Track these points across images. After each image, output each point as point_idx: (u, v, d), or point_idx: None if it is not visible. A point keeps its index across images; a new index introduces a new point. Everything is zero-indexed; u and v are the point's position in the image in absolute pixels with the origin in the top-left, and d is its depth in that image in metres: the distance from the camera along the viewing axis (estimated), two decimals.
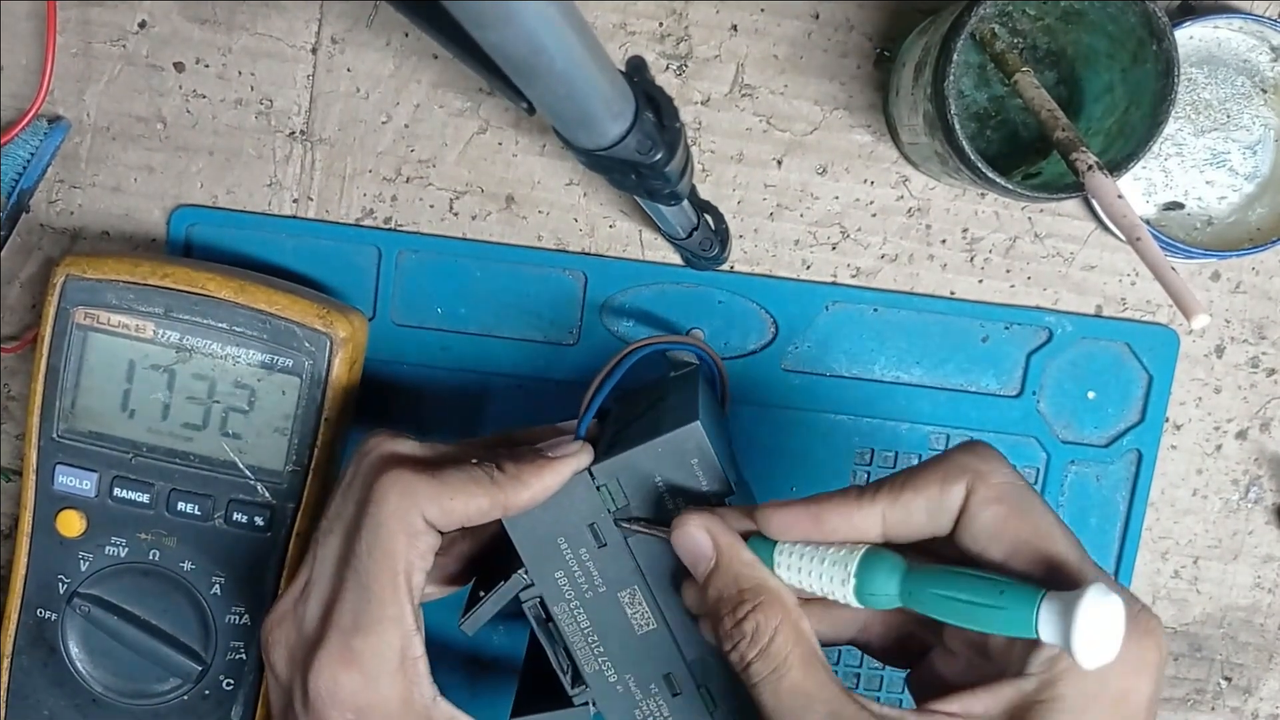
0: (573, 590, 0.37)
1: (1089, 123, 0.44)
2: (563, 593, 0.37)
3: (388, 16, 0.48)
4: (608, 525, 0.37)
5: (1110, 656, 0.28)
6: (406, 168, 0.49)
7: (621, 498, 0.37)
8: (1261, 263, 0.50)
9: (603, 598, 0.37)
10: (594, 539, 0.37)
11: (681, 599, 0.37)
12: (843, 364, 0.50)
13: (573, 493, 0.37)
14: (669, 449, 0.36)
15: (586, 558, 0.37)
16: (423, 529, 0.35)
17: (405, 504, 0.35)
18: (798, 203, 0.49)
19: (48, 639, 0.45)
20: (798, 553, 0.33)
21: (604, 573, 0.37)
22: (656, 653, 0.38)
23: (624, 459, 0.37)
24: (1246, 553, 0.52)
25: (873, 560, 0.32)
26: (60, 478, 0.44)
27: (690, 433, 0.36)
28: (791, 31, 0.48)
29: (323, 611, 0.36)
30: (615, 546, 0.37)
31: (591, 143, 0.31)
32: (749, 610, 0.33)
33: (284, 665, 0.37)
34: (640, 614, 0.37)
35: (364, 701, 0.35)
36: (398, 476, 0.35)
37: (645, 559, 0.37)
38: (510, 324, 0.49)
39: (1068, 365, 0.50)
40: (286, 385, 0.44)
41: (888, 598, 0.32)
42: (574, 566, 0.37)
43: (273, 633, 0.37)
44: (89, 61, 0.48)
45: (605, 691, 0.38)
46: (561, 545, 0.37)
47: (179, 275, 0.43)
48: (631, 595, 0.37)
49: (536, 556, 0.37)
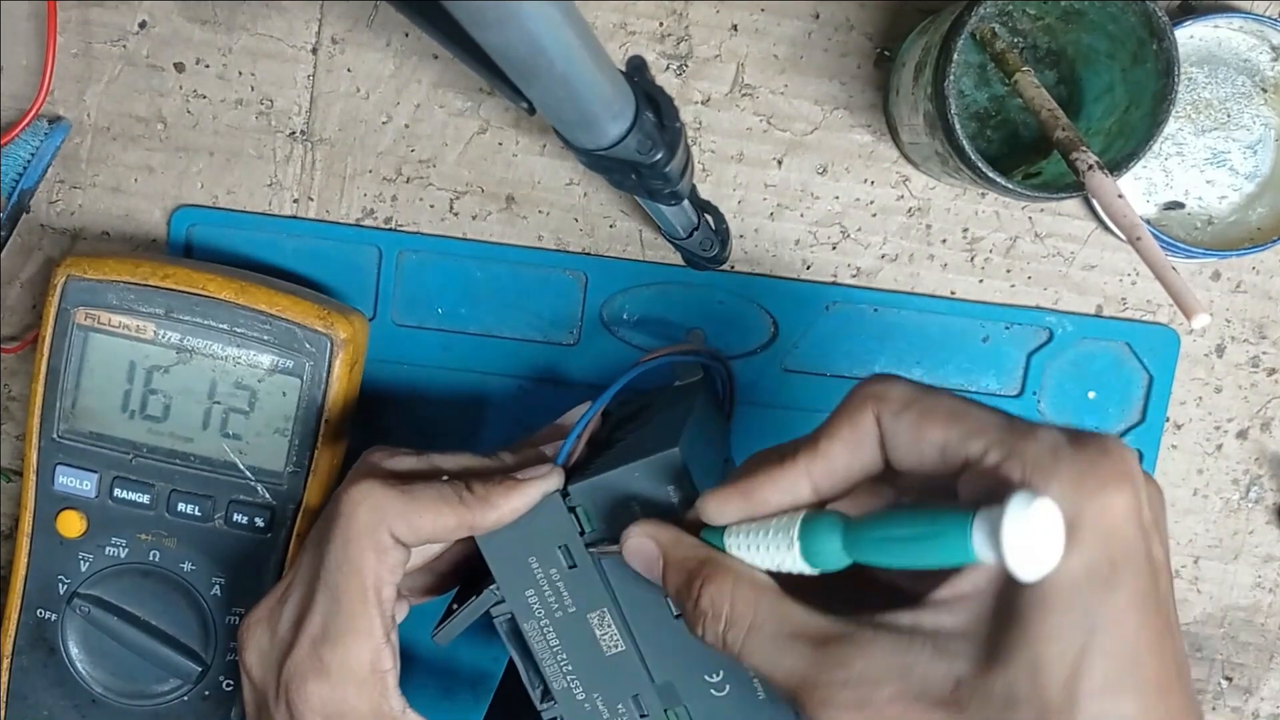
0: (543, 609, 0.37)
1: (1089, 122, 0.44)
2: (533, 611, 0.37)
3: (388, 17, 0.48)
4: (579, 547, 0.37)
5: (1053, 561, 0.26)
6: (407, 168, 0.49)
7: (597, 519, 0.36)
8: (1262, 262, 0.50)
9: (572, 618, 0.37)
10: (564, 560, 0.37)
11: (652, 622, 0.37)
12: (843, 364, 0.50)
13: (545, 513, 0.36)
14: (646, 473, 0.36)
15: (557, 578, 0.37)
16: (390, 545, 0.36)
17: (373, 520, 0.36)
18: (798, 202, 0.49)
19: (48, 639, 0.45)
20: (744, 532, 0.32)
21: (574, 594, 0.37)
22: (624, 674, 0.37)
23: (599, 481, 0.36)
24: (1247, 552, 0.52)
25: (811, 523, 0.30)
26: (60, 478, 0.44)
27: (668, 459, 0.35)
28: (792, 31, 0.48)
29: (296, 618, 0.37)
30: (585, 568, 0.37)
31: (592, 143, 0.31)
32: (699, 586, 0.31)
33: (258, 667, 0.37)
34: (609, 636, 0.37)
35: (333, 710, 0.35)
36: (368, 491, 0.36)
37: (616, 581, 0.37)
38: (511, 324, 0.49)
39: (1068, 365, 0.50)
40: (287, 386, 0.44)
41: (836, 556, 0.30)
42: (544, 586, 0.37)
43: (249, 633, 0.38)
44: (89, 62, 0.48)
45: (573, 709, 0.38)
46: (533, 564, 0.37)
47: (179, 276, 0.43)
48: (600, 617, 0.37)
49: (507, 574, 0.37)
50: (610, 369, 0.49)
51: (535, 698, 0.38)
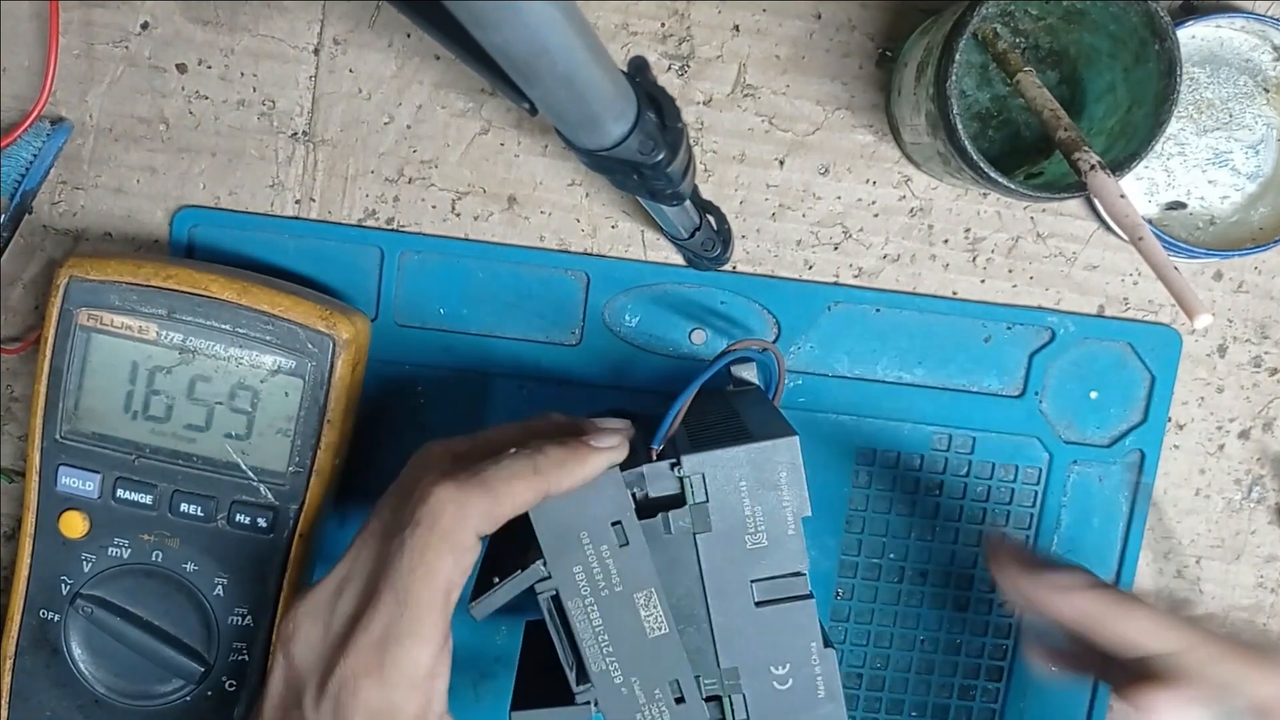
0: (589, 587, 0.37)
1: (1091, 122, 0.44)
2: (579, 588, 0.37)
3: (390, 17, 0.48)
4: (632, 524, 0.37)
5: None
6: (409, 168, 0.49)
7: (702, 493, 0.37)
8: (1264, 262, 0.50)
9: (618, 597, 0.37)
10: (617, 537, 0.37)
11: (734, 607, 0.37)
12: (845, 364, 0.50)
13: (602, 487, 0.36)
14: (764, 455, 0.36)
15: (607, 555, 0.37)
16: (471, 545, 0.35)
17: (456, 523, 0.35)
18: (800, 203, 0.49)
19: (50, 640, 0.45)
20: None
21: (622, 572, 0.37)
22: (665, 658, 0.38)
23: (714, 455, 0.36)
24: (1249, 553, 0.52)
25: None
26: (63, 479, 0.44)
27: (788, 445, 0.36)
28: (793, 32, 0.48)
29: (353, 614, 0.36)
30: (637, 547, 0.37)
31: (594, 143, 0.31)
32: None
33: (303, 658, 0.36)
34: (654, 618, 0.37)
35: (380, 709, 0.35)
36: (450, 494, 0.35)
37: (706, 561, 0.37)
38: (512, 324, 0.49)
39: (1070, 365, 0.50)
40: (289, 387, 0.44)
41: None
42: (593, 563, 0.37)
43: (298, 625, 0.37)
44: (91, 63, 0.48)
45: (609, 692, 0.38)
46: (584, 540, 0.36)
47: (182, 277, 0.43)
48: (647, 598, 0.37)
49: (557, 549, 0.37)
50: (612, 369, 0.49)
51: (571, 680, 0.38)
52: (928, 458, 0.50)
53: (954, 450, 0.50)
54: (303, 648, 0.36)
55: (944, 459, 0.50)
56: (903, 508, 0.50)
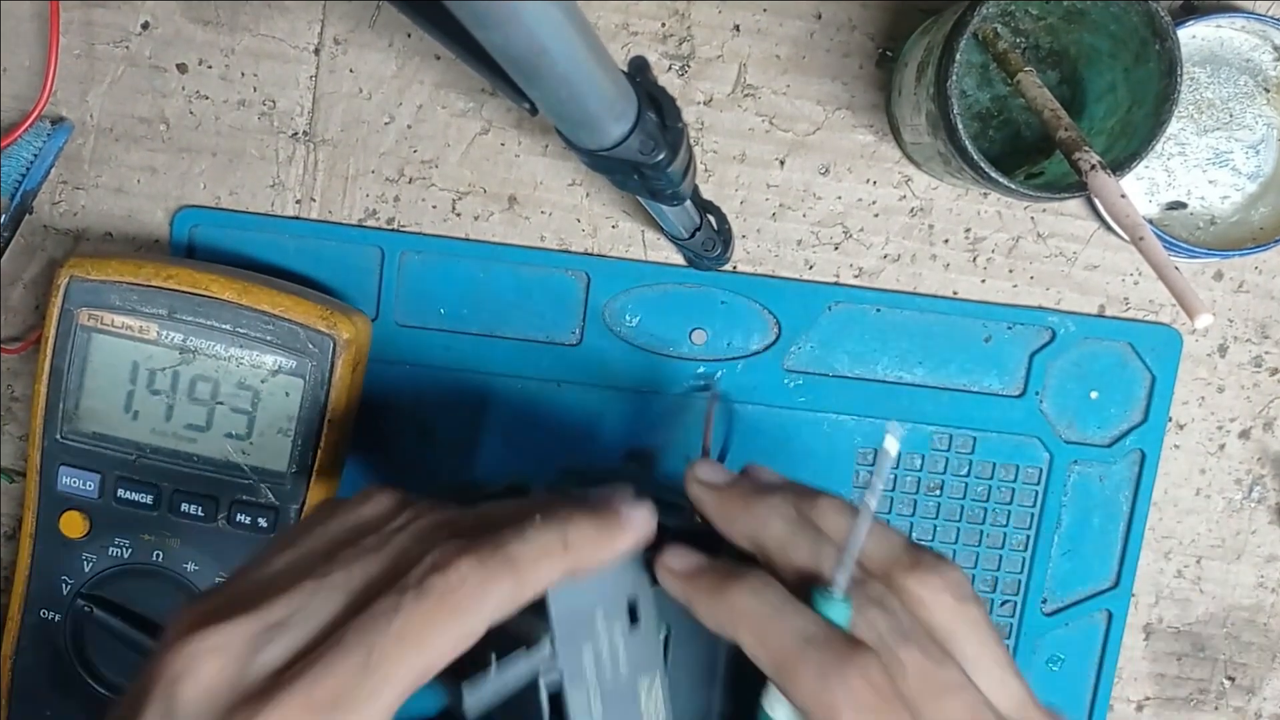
0: (595, 672, 0.31)
1: (1091, 122, 0.44)
2: (584, 673, 0.31)
3: (390, 17, 0.48)
4: (645, 599, 0.33)
5: None
6: (409, 168, 0.49)
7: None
8: (1265, 262, 0.50)
9: (623, 685, 0.32)
10: (629, 616, 0.32)
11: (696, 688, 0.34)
12: (845, 364, 0.50)
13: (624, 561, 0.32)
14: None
15: (618, 636, 0.32)
16: (478, 633, 0.29)
17: (473, 605, 0.29)
18: (800, 203, 0.49)
19: (51, 640, 0.45)
20: None
21: (631, 656, 0.32)
22: None
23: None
24: (1250, 552, 0.52)
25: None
26: (63, 479, 0.44)
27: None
28: (794, 32, 0.48)
29: (285, 665, 0.28)
30: (647, 626, 0.32)
31: (594, 143, 0.31)
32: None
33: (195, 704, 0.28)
34: (654, 707, 0.33)
35: None
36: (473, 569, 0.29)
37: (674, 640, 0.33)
38: (513, 325, 0.49)
39: (1070, 365, 0.50)
40: (290, 387, 0.44)
41: None
42: (603, 645, 0.32)
43: (201, 663, 0.28)
44: (92, 63, 0.48)
45: None
46: (598, 619, 0.32)
47: (182, 277, 0.43)
48: (649, 684, 0.33)
49: (570, 630, 0.31)
50: (612, 370, 0.49)
51: None
52: (928, 458, 0.50)
53: (954, 450, 0.50)
54: (197, 693, 0.28)
55: (944, 459, 0.50)
56: (903, 508, 0.50)
